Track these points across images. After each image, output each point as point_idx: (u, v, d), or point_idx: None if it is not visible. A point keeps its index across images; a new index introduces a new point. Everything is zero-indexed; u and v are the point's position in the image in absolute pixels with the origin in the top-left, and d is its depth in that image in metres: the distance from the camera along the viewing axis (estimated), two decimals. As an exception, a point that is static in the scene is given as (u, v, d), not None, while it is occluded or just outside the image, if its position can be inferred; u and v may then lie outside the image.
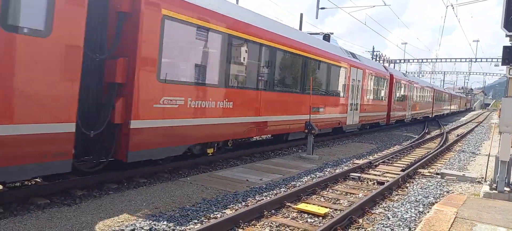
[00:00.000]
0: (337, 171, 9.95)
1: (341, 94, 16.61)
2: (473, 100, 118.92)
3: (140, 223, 5.35)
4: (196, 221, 5.65)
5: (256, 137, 13.23)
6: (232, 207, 6.44)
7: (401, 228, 5.89)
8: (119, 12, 6.99)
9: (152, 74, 7.35)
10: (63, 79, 5.61)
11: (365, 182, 9.11)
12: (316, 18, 27.54)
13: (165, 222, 5.45)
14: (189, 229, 5.35)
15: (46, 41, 5.33)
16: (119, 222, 5.40)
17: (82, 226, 5.16)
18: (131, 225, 5.26)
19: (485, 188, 8.12)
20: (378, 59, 51.59)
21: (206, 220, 5.74)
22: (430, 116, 38.42)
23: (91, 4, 6.12)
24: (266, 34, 11.02)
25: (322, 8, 27.47)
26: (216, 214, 5.99)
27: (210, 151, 9.68)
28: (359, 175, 9.50)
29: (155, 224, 5.34)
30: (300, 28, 27.50)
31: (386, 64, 39.45)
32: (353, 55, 18.93)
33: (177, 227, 5.35)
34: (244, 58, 10.36)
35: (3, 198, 5.82)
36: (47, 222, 5.20)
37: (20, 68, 5.12)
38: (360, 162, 11.28)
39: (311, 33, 23.45)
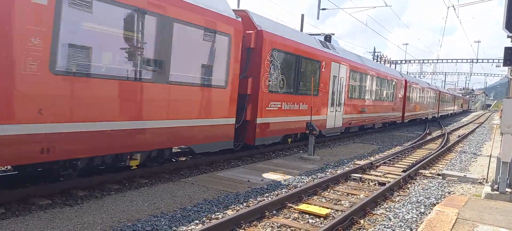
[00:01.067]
0: (338, 171, 9.95)
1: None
2: (471, 100, 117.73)
3: (141, 223, 5.36)
4: (197, 221, 5.66)
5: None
6: (234, 207, 6.44)
7: (402, 229, 5.89)
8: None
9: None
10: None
11: (367, 183, 9.11)
12: (317, 18, 27.55)
13: (166, 223, 5.46)
14: (191, 229, 5.35)
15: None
16: (120, 222, 5.40)
17: (83, 226, 5.17)
18: (133, 225, 5.27)
19: (487, 189, 8.11)
20: (379, 60, 51.59)
21: (208, 220, 5.75)
22: (430, 116, 39.14)
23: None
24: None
25: (323, 9, 27.46)
26: (218, 215, 5.99)
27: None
28: (360, 175, 9.49)
29: (156, 225, 5.35)
30: (301, 29, 27.51)
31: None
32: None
33: (179, 228, 5.35)
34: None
35: (4, 199, 5.83)
36: (49, 222, 5.21)
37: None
38: (362, 162, 11.27)
39: (312, 34, 23.47)
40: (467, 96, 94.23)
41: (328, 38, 21.74)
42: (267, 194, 7.37)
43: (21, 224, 5.09)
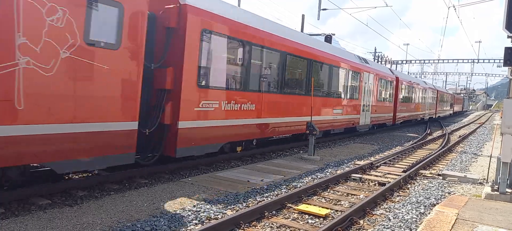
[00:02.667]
0: (338, 172, 9.94)
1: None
2: (468, 100, 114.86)
3: (141, 223, 5.36)
4: (197, 221, 5.65)
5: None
6: (233, 207, 6.44)
7: (402, 229, 5.88)
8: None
9: None
10: None
11: (367, 183, 9.10)
12: (318, 19, 27.54)
13: (166, 223, 5.46)
14: (190, 229, 5.35)
15: None
16: (120, 222, 5.41)
17: (83, 226, 5.17)
18: (132, 225, 5.27)
19: (487, 189, 8.09)
20: (380, 60, 51.53)
21: (207, 220, 5.75)
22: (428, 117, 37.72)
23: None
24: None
25: (324, 9, 27.44)
26: (217, 215, 5.99)
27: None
28: (360, 176, 9.48)
29: (156, 225, 5.35)
30: (302, 30, 27.50)
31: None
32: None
33: (178, 228, 5.35)
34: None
35: (4, 199, 5.84)
36: (48, 222, 5.21)
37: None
38: (362, 163, 11.27)
39: (312, 35, 23.46)
40: (462, 95, 76.66)
41: (328, 39, 21.74)
42: (266, 194, 7.37)
43: (21, 224, 5.10)
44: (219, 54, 9.42)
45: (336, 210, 6.75)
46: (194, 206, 6.35)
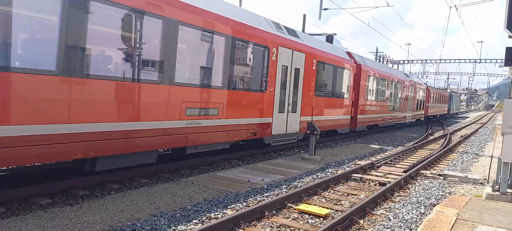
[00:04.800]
0: (339, 172, 9.94)
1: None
2: (474, 100, 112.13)
3: (141, 222, 5.37)
4: (197, 221, 5.67)
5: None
6: (233, 207, 6.45)
7: (402, 229, 5.88)
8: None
9: None
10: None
11: (367, 183, 9.10)
12: (319, 19, 27.52)
13: (166, 222, 5.47)
14: (190, 229, 5.36)
15: None
16: (120, 222, 5.42)
17: (83, 225, 5.19)
18: (133, 225, 5.28)
19: (488, 189, 8.08)
20: (382, 60, 51.48)
21: (207, 220, 5.76)
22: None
23: None
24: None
25: (325, 9, 27.42)
26: (217, 214, 6.00)
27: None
28: (361, 176, 9.48)
29: (156, 224, 5.36)
30: (303, 30, 27.50)
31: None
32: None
33: (178, 227, 5.37)
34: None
35: (4, 198, 5.86)
36: (49, 221, 5.23)
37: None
38: (362, 163, 11.26)
39: (313, 35, 23.44)
40: (448, 91, 55.98)
41: (329, 38, 21.73)
42: (267, 194, 7.38)
43: (22, 223, 5.12)
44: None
45: (336, 210, 6.75)
46: (195, 205, 6.37)
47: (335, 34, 25.48)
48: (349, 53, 18.39)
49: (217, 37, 9.18)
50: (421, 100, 31.98)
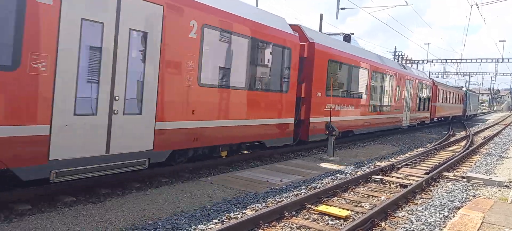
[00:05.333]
0: (359, 173, 9.82)
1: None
2: (497, 101, 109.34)
3: (162, 221, 5.42)
4: (216, 220, 5.69)
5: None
6: (253, 207, 6.44)
7: (425, 232, 5.75)
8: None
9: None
10: None
11: (388, 185, 8.95)
12: (336, 18, 27.30)
13: (186, 221, 5.51)
14: (210, 228, 5.38)
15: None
16: (142, 220, 5.49)
17: (106, 223, 5.27)
18: (154, 223, 5.34)
19: (514, 192, 7.83)
20: (400, 60, 50.65)
21: (227, 220, 5.77)
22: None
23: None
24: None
25: (342, 8, 27.17)
26: (237, 214, 6.01)
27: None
28: (381, 177, 9.34)
29: (176, 223, 5.40)
30: (320, 29, 27.32)
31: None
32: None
33: (199, 226, 5.39)
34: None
35: (30, 196, 6.01)
36: (73, 219, 5.34)
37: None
38: (382, 164, 11.09)
39: (331, 34, 23.24)
40: (463, 89, 46.14)
41: (347, 38, 21.51)
42: (286, 195, 7.35)
43: (47, 220, 5.24)
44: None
45: (357, 212, 6.66)
46: (214, 205, 6.39)
47: (353, 33, 25.23)
48: (295, 27, 12.37)
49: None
50: (425, 99, 26.48)
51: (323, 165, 10.79)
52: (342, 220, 6.14)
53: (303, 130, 12.56)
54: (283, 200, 6.92)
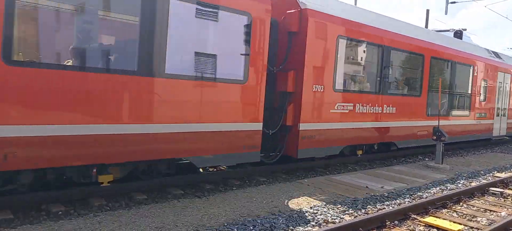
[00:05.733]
0: (473, 184, 8.80)
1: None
2: None
3: (261, 219, 5.58)
4: (314, 223, 5.64)
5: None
6: (351, 213, 6.23)
7: (561, 258, 4.88)
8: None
9: None
10: None
11: (510, 199, 7.83)
12: (445, 13, 24.97)
13: (284, 222, 5.57)
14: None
15: None
16: (242, 216, 5.72)
17: (210, 217, 5.63)
18: (253, 221, 5.52)
19: None
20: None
21: (324, 223, 5.68)
22: None
23: None
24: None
25: (453, 2, 24.69)
26: (334, 219, 5.87)
27: None
28: (501, 190, 8.21)
29: (274, 222, 5.50)
30: (426, 26, 25.27)
31: None
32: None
33: (296, 228, 5.41)
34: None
35: (145, 188, 6.73)
36: (181, 210, 5.82)
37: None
38: (503, 175, 9.76)
39: (439, 31, 21.29)
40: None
41: (458, 34, 19.47)
42: (387, 202, 6.94)
43: (159, 210, 5.80)
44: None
45: (471, 227, 5.97)
46: (311, 207, 6.35)
47: (465, 29, 22.77)
48: None
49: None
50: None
51: (430, 173, 9.91)
52: (453, 235, 5.56)
53: (289, 141, 8.60)
54: (385, 208, 6.54)
